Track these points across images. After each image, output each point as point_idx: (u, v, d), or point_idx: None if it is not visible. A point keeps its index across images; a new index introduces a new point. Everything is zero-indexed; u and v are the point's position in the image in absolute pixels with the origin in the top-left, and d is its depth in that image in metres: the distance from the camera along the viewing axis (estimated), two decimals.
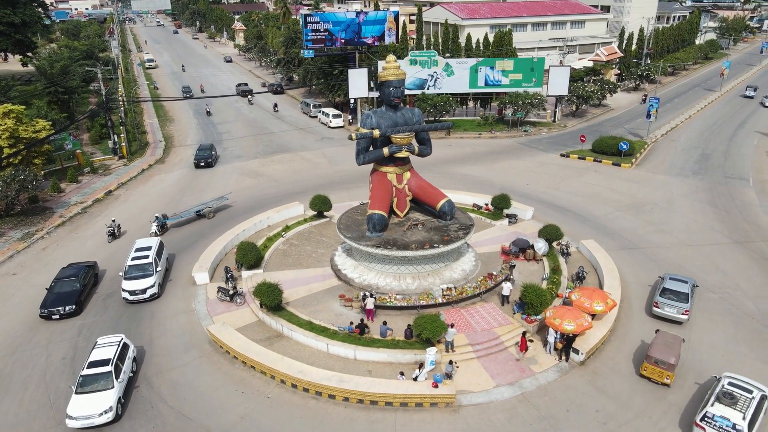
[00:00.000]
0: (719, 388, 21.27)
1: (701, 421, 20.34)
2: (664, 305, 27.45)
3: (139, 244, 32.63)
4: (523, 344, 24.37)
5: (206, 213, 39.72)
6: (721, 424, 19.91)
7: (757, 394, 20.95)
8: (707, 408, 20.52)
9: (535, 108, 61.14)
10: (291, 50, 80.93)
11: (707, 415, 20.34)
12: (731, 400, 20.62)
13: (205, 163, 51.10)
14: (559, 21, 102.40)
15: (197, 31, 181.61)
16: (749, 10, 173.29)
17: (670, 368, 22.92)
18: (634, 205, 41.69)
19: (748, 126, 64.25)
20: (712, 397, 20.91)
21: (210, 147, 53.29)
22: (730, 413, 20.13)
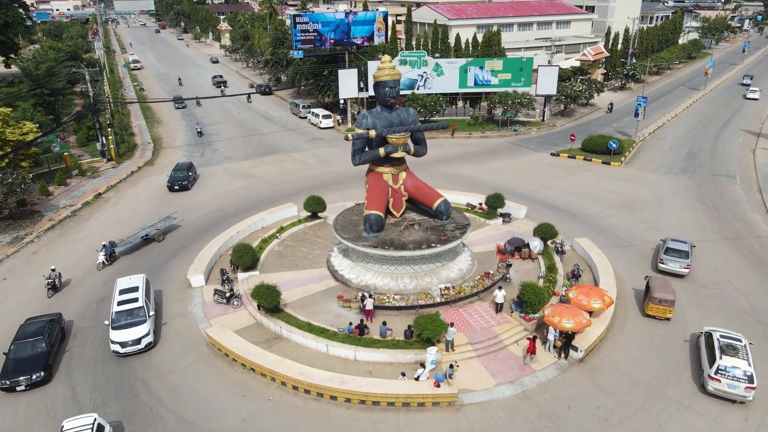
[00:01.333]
0: (716, 342, 23.67)
1: (715, 374, 22.53)
2: (669, 261, 31.98)
3: (123, 284, 28.23)
4: (531, 347, 24.14)
5: (155, 236, 36.35)
6: (733, 373, 22.30)
7: (745, 342, 23.86)
8: (718, 361, 22.66)
9: (524, 107, 61.51)
10: (279, 51, 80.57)
11: (720, 368, 22.53)
12: (734, 350, 23.21)
13: (180, 186, 45.23)
14: (545, 21, 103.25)
15: (182, 32, 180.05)
16: (730, 10, 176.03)
17: (671, 305, 27.09)
18: (626, 203, 42.13)
19: (732, 124, 65.24)
20: (717, 351, 23.12)
21: (187, 167, 47.27)
22: (738, 362, 22.62)
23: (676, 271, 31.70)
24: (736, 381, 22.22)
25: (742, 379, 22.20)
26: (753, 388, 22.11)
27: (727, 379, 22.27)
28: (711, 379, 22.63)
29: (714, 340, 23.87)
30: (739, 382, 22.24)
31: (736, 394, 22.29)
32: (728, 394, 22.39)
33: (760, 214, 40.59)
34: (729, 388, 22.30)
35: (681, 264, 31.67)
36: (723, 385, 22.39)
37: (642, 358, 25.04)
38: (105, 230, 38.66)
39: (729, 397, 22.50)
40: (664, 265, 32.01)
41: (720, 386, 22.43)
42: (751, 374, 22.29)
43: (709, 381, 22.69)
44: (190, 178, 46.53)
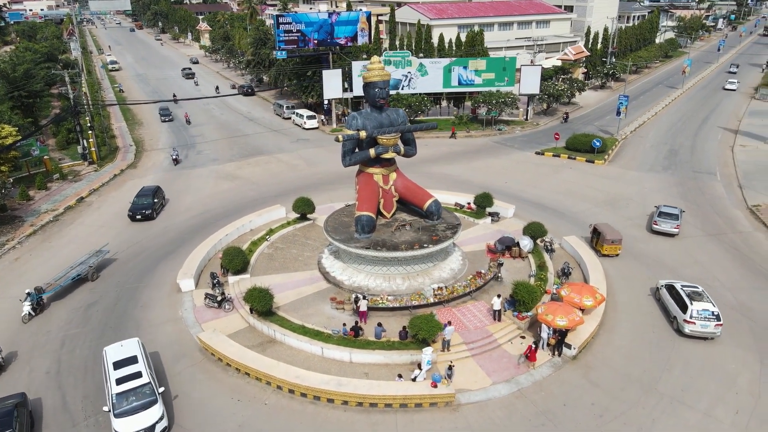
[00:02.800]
0: (682, 292, 27.25)
1: (690, 318, 25.90)
2: (661, 223, 36.83)
3: (115, 355, 22.67)
4: (533, 355, 23.95)
5: (88, 275, 31.60)
6: (704, 314, 25.86)
7: (702, 289, 27.76)
8: (690, 307, 26.07)
9: (508, 107, 61.96)
10: (261, 51, 79.96)
11: (693, 313, 25.95)
12: (699, 296, 27.00)
13: (143, 216, 39.32)
14: (525, 21, 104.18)
15: (160, 32, 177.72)
16: (704, 9, 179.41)
17: (620, 243, 33.49)
18: (610, 201, 42.68)
19: (710, 122, 66.49)
20: (685, 299, 26.67)
21: (153, 192, 41.18)
22: (706, 305, 26.25)
23: (668, 231, 36.55)
24: (707, 321, 25.76)
25: (712, 318, 25.80)
26: (720, 325, 25.72)
27: (700, 321, 25.76)
28: (687, 323, 25.90)
29: (678, 290, 27.50)
30: (709, 321, 25.77)
31: (708, 332, 25.81)
32: (702, 333, 25.84)
33: (741, 210, 41.44)
34: (702, 329, 25.78)
35: (672, 225, 36.57)
36: (697, 326, 25.81)
37: (633, 354, 25.39)
38: (89, 235, 38.02)
39: (703, 336, 25.92)
40: (658, 227, 36.73)
41: (695, 328, 25.84)
42: (718, 313, 25.91)
43: (686, 325, 25.95)
44: (156, 205, 40.61)
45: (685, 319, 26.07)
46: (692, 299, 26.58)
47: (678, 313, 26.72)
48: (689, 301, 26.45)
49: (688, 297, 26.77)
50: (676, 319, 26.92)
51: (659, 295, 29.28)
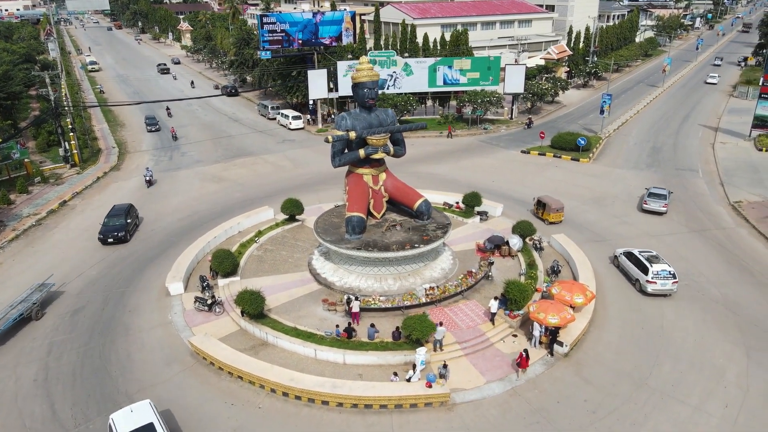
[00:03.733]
0: (641, 257, 30.62)
1: (652, 278, 29.26)
2: (651, 202, 40.00)
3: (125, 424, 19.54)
4: (524, 362, 23.60)
5: (32, 313, 28.03)
6: (663, 274, 29.24)
7: (655, 252, 31.38)
8: (651, 269, 29.38)
9: (493, 106, 62.27)
10: (245, 51, 79.33)
11: (654, 274, 29.26)
12: (656, 258, 30.32)
13: (116, 239, 35.97)
14: (507, 20, 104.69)
15: (139, 32, 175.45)
16: (682, 8, 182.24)
17: (562, 210, 37.96)
18: (597, 199, 43.13)
19: (691, 119, 67.54)
20: (645, 262, 29.89)
21: (126, 212, 37.58)
22: (663, 266, 29.59)
23: (657, 210, 39.85)
24: (666, 280, 29.30)
25: (669, 276, 29.35)
26: (676, 282, 29.53)
27: (660, 280, 29.25)
28: (649, 283, 29.40)
29: (637, 255, 30.96)
30: (667, 280, 29.31)
31: (667, 289, 29.42)
32: (662, 291, 29.45)
33: (723, 206, 42.14)
34: (662, 287, 29.36)
35: (660, 204, 39.84)
36: (658, 285, 29.35)
37: (624, 350, 25.69)
38: (74, 239, 37.45)
39: (663, 293, 29.60)
40: (648, 206, 40.07)
41: (656, 287, 29.38)
42: (674, 272, 29.60)
43: (648, 285, 29.46)
44: (129, 226, 37.15)
45: (647, 279, 29.40)
46: (651, 262, 29.98)
47: (640, 276, 30.00)
48: (649, 263, 29.80)
49: (647, 260, 30.11)
50: (638, 281, 30.21)
51: (618, 262, 32.55)
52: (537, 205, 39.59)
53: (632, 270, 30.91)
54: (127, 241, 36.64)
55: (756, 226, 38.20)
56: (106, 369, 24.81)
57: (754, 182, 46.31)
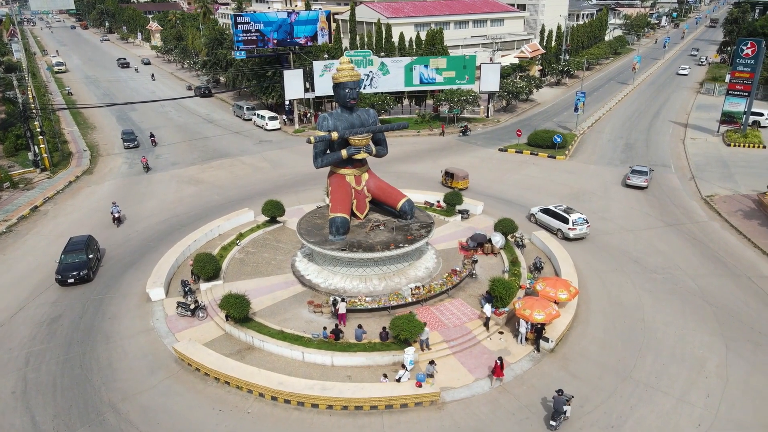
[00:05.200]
0: (558, 210, 36.54)
1: (572, 225, 35.23)
2: (633, 178, 44.80)
3: None
4: (498, 370, 22.99)
5: None
6: (580, 221, 35.57)
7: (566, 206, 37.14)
8: (570, 218, 35.38)
9: (469, 104, 62.70)
10: (218, 51, 78.27)
11: (573, 222, 35.26)
12: (571, 209, 36.63)
13: (78, 278, 31.36)
14: (480, 19, 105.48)
15: (107, 32, 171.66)
16: (648, 7, 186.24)
17: (467, 178, 43.95)
18: (574, 195, 43.75)
19: (662, 116, 69.06)
20: (563, 214, 35.95)
21: (85, 245, 32.89)
22: (578, 215, 35.99)
23: (638, 185, 44.45)
24: (582, 225, 35.51)
25: (584, 222, 35.69)
26: (589, 226, 35.83)
27: (578, 226, 35.39)
28: (571, 230, 35.28)
29: (554, 210, 36.69)
30: (583, 225, 35.58)
31: (584, 233, 35.69)
32: (581, 234, 35.58)
33: (696, 200, 43.17)
34: (580, 231, 35.48)
35: (641, 179, 44.47)
36: (578, 230, 35.36)
37: (607, 344, 26.10)
38: (47, 246, 36.41)
39: (581, 236, 35.64)
40: (630, 181, 44.80)
41: (577, 232, 35.35)
42: (586, 217, 36.12)
43: (570, 232, 35.34)
44: (92, 261, 32.60)
45: (569, 227, 35.35)
46: (568, 213, 35.98)
47: (561, 226, 35.89)
48: (567, 214, 35.88)
49: (565, 212, 36.14)
50: (560, 230, 35.92)
51: (535, 219, 37.97)
52: (445, 175, 44.60)
53: (552, 222, 36.41)
54: (91, 279, 32.10)
55: (728, 219, 39.23)
56: (87, 378, 24.20)
57: (724, 177, 47.56)
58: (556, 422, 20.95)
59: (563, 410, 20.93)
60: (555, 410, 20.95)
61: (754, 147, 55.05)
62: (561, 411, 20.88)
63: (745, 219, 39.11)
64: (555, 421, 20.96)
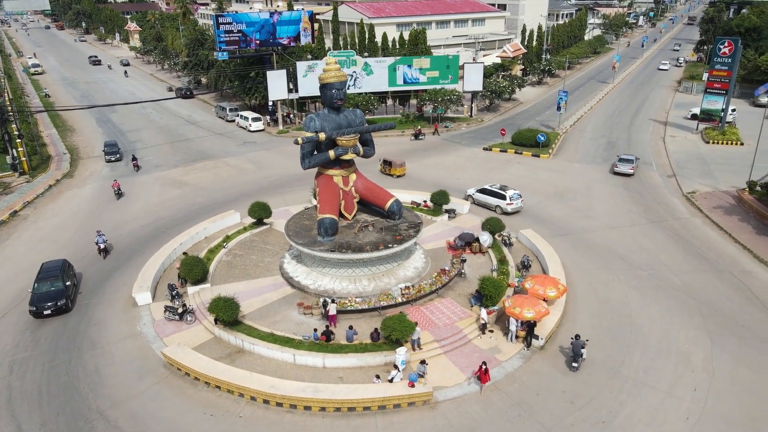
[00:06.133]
0: (494, 188, 40.47)
1: (510, 201, 39.51)
2: (620, 165, 47.63)
3: None
4: (484, 376, 22.59)
5: None
6: (515, 196, 39.89)
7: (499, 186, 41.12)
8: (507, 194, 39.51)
9: (453, 104, 62.96)
10: (199, 52, 77.47)
11: (510, 197, 39.56)
12: (506, 186, 40.65)
13: (56, 310, 28.33)
14: (461, 19, 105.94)
15: (83, 33, 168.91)
16: (625, 7, 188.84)
17: (404, 165, 47.21)
18: (559, 193, 44.18)
19: (642, 114, 70.06)
20: (500, 191, 40.02)
21: (61, 272, 29.89)
22: (513, 190, 40.11)
23: (626, 172, 47.20)
24: (518, 200, 39.80)
25: (519, 197, 39.90)
26: (522, 200, 39.92)
27: (515, 201, 39.58)
28: (509, 204, 39.22)
29: (490, 189, 40.44)
30: (519, 200, 39.82)
31: (519, 206, 39.74)
32: (517, 208, 39.61)
33: (677, 197, 43.86)
34: (516, 205, 39.56)
35: (628, 167, 47.25)
36: (514, 204, 39.45)
37: (596, 341, 26.33)
38: (28, 251, 35.75)
39: (516, 210, 39.71)
40: (617, 168, 47.64)
41: (514, 206, 39.37)
42: (519, 193, 40.06)
43: (508, 206, 39.20)
44: (69, 290, 29.45)
45: (507, 203, 39.37)
46: (504, 189, 39.98)
47: (500, 202, 39.74)
48: (503, 191, 39.91)
49: (501, 189, 40.14)
50: (498, 206, 39.67)
51: (473, 199, 41.14)
52: (384, 164, 47.62)
53: (491, 200, 40.18)
54: (69, 310, 28.96)
55: (709, 215, 39.93)
56: (74, 385, 23.79)
57: (704, 173, 48.40)
58: (576, 363, 24.07)
59: (581, 353, 23.83)
60: (574, 353, 24.00)
61: (732, 144, 56.11)
62: (579, 353, 23.84)
63: (725, 215, 39.85)
64: (576, 362, 24.05)
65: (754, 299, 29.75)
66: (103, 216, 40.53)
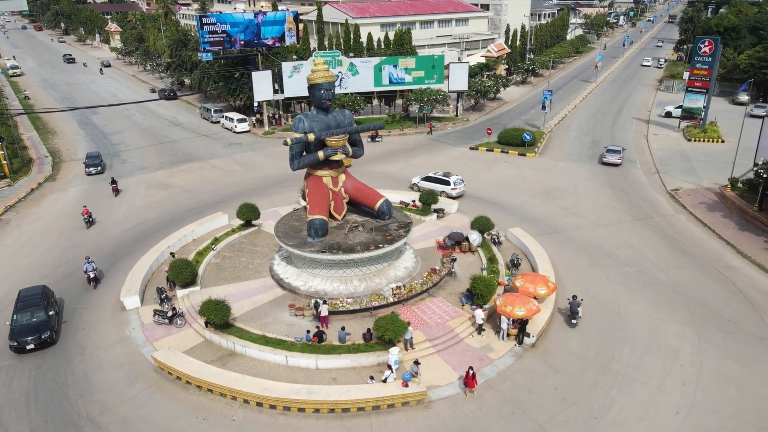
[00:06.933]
0: (438, 176, 42.85)
1: (454, 186, 41.90)
2: (609, 156, 50.54)
3: None
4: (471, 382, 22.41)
5: None
6: (459, 181, 42.59)
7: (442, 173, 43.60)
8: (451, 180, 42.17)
9: (439, 104, 63.15)
10: (182, 53, 76.74)
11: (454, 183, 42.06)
12: (448, 173, 43.15)
13: (39, 344, 25.65)
14: (445, 19, 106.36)
15: (63, 34, 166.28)
16: (606, 7, 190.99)
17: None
18: (545, 192, 44.54)
19: (624, 113, 70.91)
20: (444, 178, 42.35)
21: (41, 300, 27.18)
22: (456, 176, 42.98)
23: (614, 162, 50.15)
24: (460, 185, 42.38)
25: (462, 182, 42.56)
26: (465, 184, 42.84)
27: (458, 186, 42.06)
28: (453, 189, 41.74)
29: (434, 176, 42.94)
30: (461, 184, 42.52)
31: (463, 190, 42.46)
32: (461, 192, 42.26)
33: (662, 194, 44.46)
34: (461, 189, 42.29)
35: (616, 157, 50.24)
36: (458, 189, 42.03)
37: (586, 338, 26.65)
38: (11, 256, 35.14)
39: (460, 194, 42.20)
40: (606, 159, 50.54)
41: (458, 191, 41.98)
42: (462, 178, 42.80)
43: (452, 191, 41.67)
44: (53, 320, 26.72)
45: (451, 188, 41.76)
46: (448, 176, 42.49)
47: (444, 188, 41.92)
48: (447, 177, 42.38)
49: (444, 176, 42.64)
50: (444, 192, 41.60)
51: (418, 187, 43.18)
52: None
53: (436, 187, 42.05)
54: (55, 342, 26.32)
55: (693, 212, 40.54)
56: (63, 392, 23.44)
57: (687, 171, 49.14)
58: (575, 320, 27.00)
59: (578, 311, 26.95)
60: (572, 312, 27.05)
61: (714, 141, 57.03)
62: (576, 312, 26.95)
63: (708, 211, 40.50)
64: (574, 320, 27.01)
65: (738, 294, 30.29)
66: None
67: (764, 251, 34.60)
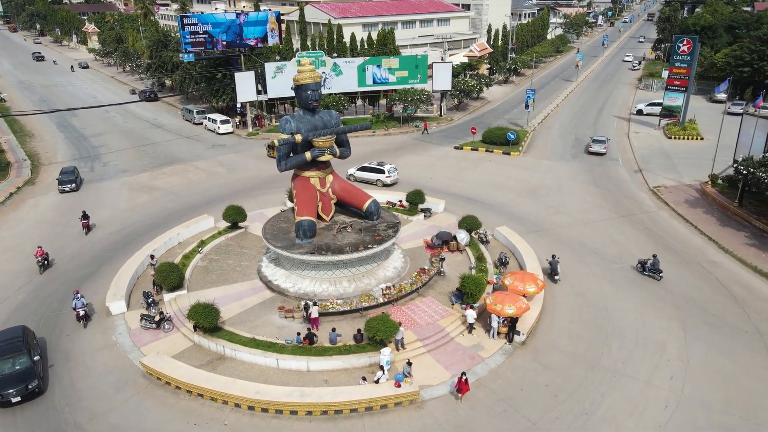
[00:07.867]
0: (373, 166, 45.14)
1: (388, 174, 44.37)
2: (594, 146, 53.38)
3: None
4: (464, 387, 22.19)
5: None
6: (392, 169, 44.84)
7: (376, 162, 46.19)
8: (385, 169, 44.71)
9: (423, 103, 63.26)
10: (162, 54, 75.82)
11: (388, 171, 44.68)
12: (382, 162, 45.68)
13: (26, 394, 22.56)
14: (426, 19, 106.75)
15: (38, 35, 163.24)
16: (585, 7, 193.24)
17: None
18: (531, 190, 44.87)
19: (606, 111, 71.76)
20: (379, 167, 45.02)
21: (22, 343, 24.06)
22: (390, 165, 45.29)
23: (599, 151, 53.04)
24: (394, 173, 44.97)
25: (395, 170, 45.10)
26: (398, 172, 45.33)
27: (392, 174, 44.81)
28: (388, 177, 44.22)
29: (369, 165, 45.15)
30: (395, 172, 45.04)
31: (396, 178, 44.75)
32: (394, 179, 44.71)
33: (644, 191, 45.06)
34: (394, 177, 44.78)
35: (601, 147, 53.16)
36: (392, 177, 44.67)
37: (575, 334, 26.90)
38: None
39: (393, 182, 44.68)
40: (592, 149, 53.38)
41: (392, 178, 44.62)
42: (396, 167, 45.37)
43: (387, 179, 44.17)
44: (38, 366, 23.51)
45: (386, 176, 44.25)
46: (382, 165, 44.96)
47: (380, 176, 44.48)
48: (382, 166, 44.85)
49: (379, 164, 45.04)
50: (379, 180, 44.38)
51: (355, 177, 45.10)
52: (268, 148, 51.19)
53: (371, 176, 44.63)
54: (43, 392, 23.20)
55: (675, 208, 41.16)
56: (49, 400, 22.97)
57: (668, 168, 49.86)
58: (558, 276, 30.86)
59: (557, 269, 30.86)
60: (552, 270, 30.95)
61: (693, 139, 57.97)
62: (556, 270, 30.84)
63: (690, 208, 41.16)
64: (557, 275, 30.85)
65: (721, 288, 30.82)
66: (69, 223, 39.26)
67: (745, 246, 35.26)
